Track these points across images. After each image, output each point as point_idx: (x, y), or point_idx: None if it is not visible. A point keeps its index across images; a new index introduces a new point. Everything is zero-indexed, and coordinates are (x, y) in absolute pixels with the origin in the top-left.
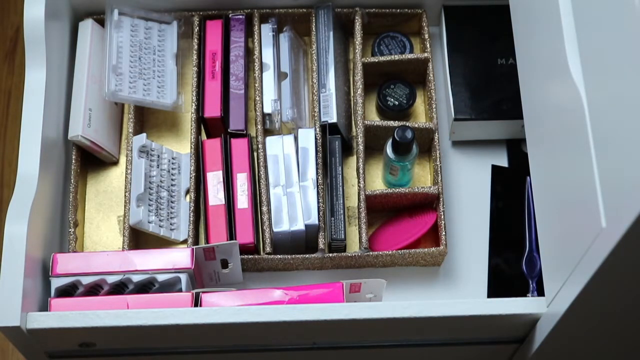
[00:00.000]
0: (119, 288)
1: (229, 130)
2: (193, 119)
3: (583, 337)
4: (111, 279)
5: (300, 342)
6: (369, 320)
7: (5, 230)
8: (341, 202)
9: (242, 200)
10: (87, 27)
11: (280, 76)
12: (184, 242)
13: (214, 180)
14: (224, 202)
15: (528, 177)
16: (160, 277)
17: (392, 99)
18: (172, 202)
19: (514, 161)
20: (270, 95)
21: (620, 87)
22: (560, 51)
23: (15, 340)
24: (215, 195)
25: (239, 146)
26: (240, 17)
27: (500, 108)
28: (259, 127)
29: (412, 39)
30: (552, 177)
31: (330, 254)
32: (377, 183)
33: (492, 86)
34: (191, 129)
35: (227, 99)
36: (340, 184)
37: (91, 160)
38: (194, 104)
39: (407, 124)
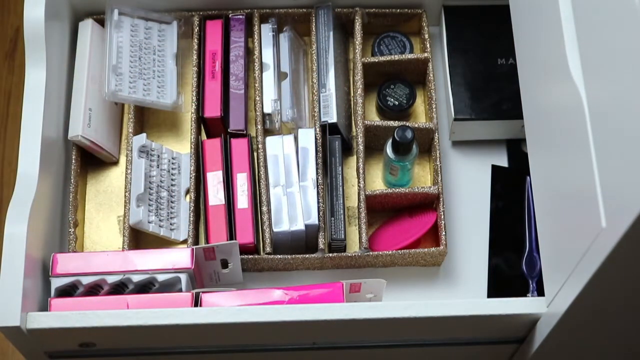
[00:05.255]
0: (119, 288)
1: (229, 130)
2: (193, 119)
3: (583, 337)
4: (111, 279)
5: (300, 342)
6: (369, 320)
7: (5, 230)
8: (341, 202)
9: (242, 200)
10: (87, 27)
11: (280, 76)
12: (184, 242)
13: (214, 180)
14: (224, 202)
15: (528, 177)
16: (160, 277)
17: (392, 99)
18: (172, 202)
19: (514, 161)
20: (270, 95)
21: (620, 87)
22: (560, 51)
23: (15, 340)
24: (215, 195)
25: (239, 146)
26: (240, 17)
27: (500, 108)
28: (259, 127)
29: (412, 39)
30: (552, 177)
31: (330, 254)
32: (377, 183)
33: (492, 86)
34: (191, 129)
35: (227, 99)
36: (340, 184)
37: (91, 160)
38: (194, 104)
39: (407, 124)
